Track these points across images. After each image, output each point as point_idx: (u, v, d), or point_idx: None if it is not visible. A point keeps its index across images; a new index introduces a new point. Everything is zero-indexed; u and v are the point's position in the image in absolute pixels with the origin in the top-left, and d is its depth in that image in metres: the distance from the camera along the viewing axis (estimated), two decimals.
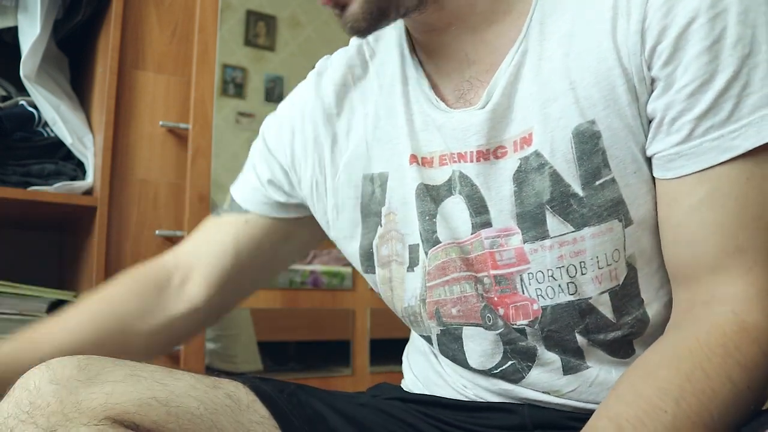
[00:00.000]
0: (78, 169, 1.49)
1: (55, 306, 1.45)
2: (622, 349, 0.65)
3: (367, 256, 0.75)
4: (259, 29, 2.75)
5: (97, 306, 0.81)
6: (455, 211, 0.67)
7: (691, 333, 0.55)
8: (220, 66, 2.53)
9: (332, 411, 0.70)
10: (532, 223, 0.63)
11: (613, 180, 0.60)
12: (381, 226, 0.73)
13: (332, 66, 0.80)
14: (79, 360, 0.58)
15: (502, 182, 0.64)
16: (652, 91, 0.59)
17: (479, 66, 0.67)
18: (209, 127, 1.60)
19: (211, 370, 1.85)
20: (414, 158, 0.69)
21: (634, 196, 0.60)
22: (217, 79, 1.64)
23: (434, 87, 0.70)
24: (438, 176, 0.68)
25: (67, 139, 1.45)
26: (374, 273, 0.75)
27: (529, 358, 0.66)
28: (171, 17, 1.61)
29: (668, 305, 0.62)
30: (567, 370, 0.65)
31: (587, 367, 0.65)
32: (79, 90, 1.65)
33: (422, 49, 0.72)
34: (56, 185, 1.41)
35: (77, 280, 1.55)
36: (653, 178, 0.61)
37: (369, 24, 0.63)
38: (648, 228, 0.61)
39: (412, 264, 0.71)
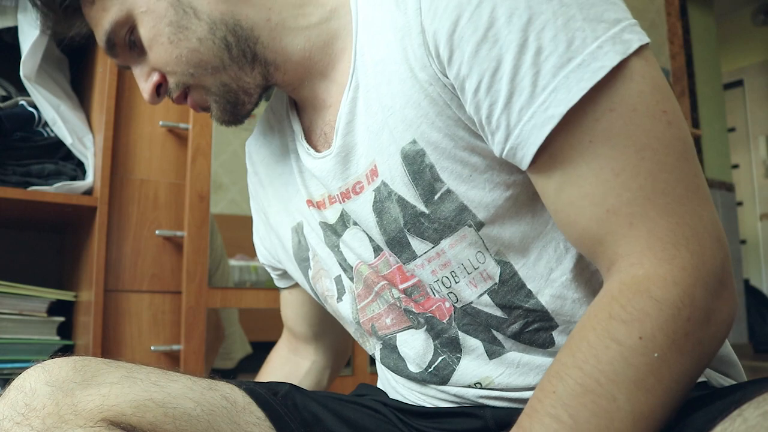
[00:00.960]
0: (78, 169, 1.49)
1: (55, 306, 1.46)
2: (537, 341, 0.65)
3: (316, 295, 0.82)
4: None
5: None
6: (354, 240, 0.71)
7: (589, 308, 0.54)
8: None
9: (327, 412, 0.71)
10: (399, 247, 0.66)
11: (449, 191, 0.61)
12: (310, 268, 0.79)
13: (254, 142, 0.87)
14: (75, 361, 0.58)
15: (366, 215, 0.67)
16: (458, 95, 0.58)
17: (334, 107, 0.69)
18: (209, 127, 1.60)
19: (216, 373, 1.86)
20: (309, 203, 0.75)
21: (478, 198, 0.60)
22: None
23: (309, 135, 0.75)
24: (330, 215, 0.73)
25: (67, 139, 1.45)
26: (327, 307, 0.82)
27: (456, 348, 0.68)
28: None
29: (570, 286, 0.62)
30: (491, 354, 0.67)
31: (508, 351, 0.66)
32: (79, 90, 1.65)
33: (298, 104, 0.77)
34: (56, 185, 1.41)
35: (77, 280, 1.55)
36: (496, 174, 0.60)
37: (231, 116, 0.71)
38: (507, 223, 0.61)
39: (340, 294, 0.76)
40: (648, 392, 0.48)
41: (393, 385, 0.78)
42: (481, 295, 0.64)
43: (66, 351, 1.49)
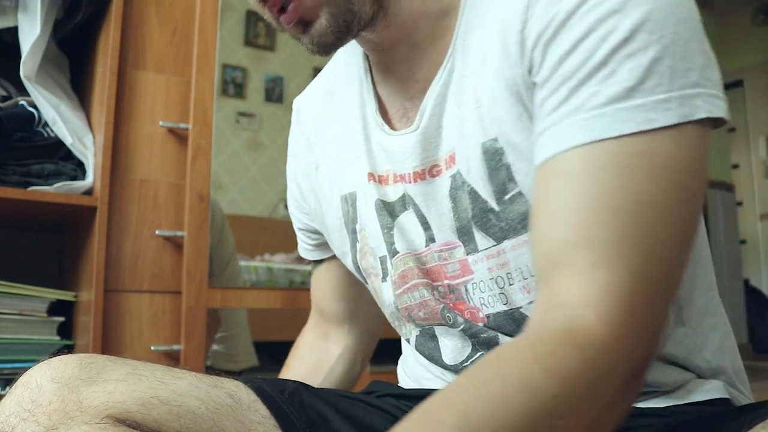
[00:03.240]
0: (78, 169, 1.49)
1: (55, 306, 1.46)
2: None
3: (358, 270, 0.79)
4: (259, 29, 2.74)
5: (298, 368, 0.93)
6: (409, 225, 0.69)
7: (515, 340, 0.49)
8: (220, 66, 2.52)
9: (333, 411, 0.71)
10: (468, 237, 0.65)
11: (520, 193, 0.60)
12: (358, 241, 0.76)
13: (306, 99, 0.84)
14: (81, 358, 0.58)
15: (441, 199, 0.66)
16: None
17: (422, 84, 0.67)
18: (209, 127, 1.60)
19: (212, 370, 1.85)
20: (372, 176, 0.72)
21: None
22: (217, 79, 1.64)
23: (383, 108, 0.72)
24: (392, 193, 0.71)
25: (67, 139, 1.45)
26: (367, 284, 0.80)
27: (494, 347, 0.67)
28: (171, 17, 1.61)
29: None
30: None
31: None
32: (79, 90, 1.65)
33: (377, 69, 0.73)
34: (56, 185, 1.41)
35: (77, 280, 1.55)
36: None
37: (336, 38, 0.63)
38: None
39: (385, 274, 0.74)
40: None
41: (420, 371, 0.77)
42: (532, 302, 0.62)
43: (66, 351, 1.49)
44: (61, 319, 1.46)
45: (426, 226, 0.68)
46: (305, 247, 0.91)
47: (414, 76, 0.68)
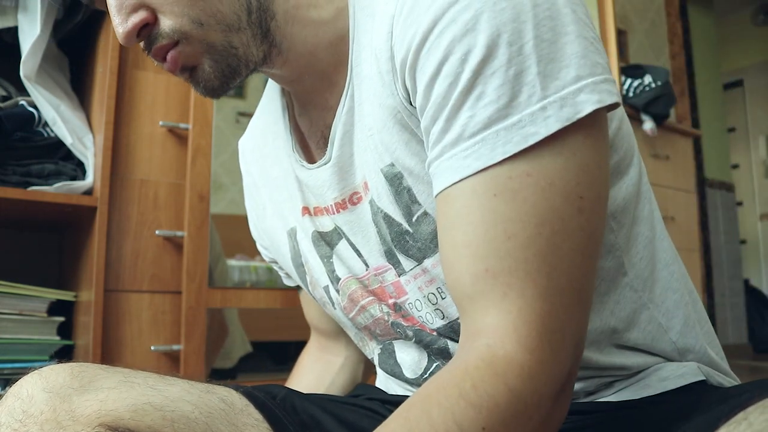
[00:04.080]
0: (78, 169, 1.49)
1: (55, 306, 1.46)
2: None
3: (316, 300, 0.80)
4: None
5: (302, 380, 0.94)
6: (346, 253, 0.69)
7: (439, 374, 0.49)
8: None
9: (324, 413, 0.71)
10: (395, 260, 0.65)
11: (425, 213, 0.60)
12: (306, 274, 0.77)
13: (247, 141, 0.84)
14: (72, 367, 0.58)
15: (365, 225, 0.65)
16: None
17: (333, 111, 0.66)
18: (209, 127, 1.60)
19: (215, 372, 1.86)
20: (306, 210, 0.73)
21: None
22: None
23: (304, 141, 0.72)
24: (326, 224, 0.71)
25: (67, 139, 1.45)
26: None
27: (447, 356, 0.68)
28: None
29: None
30: None
31: None
32: (79, 90, 1.65)
33: (295, 102, 0.72)
34: (56, 185, 1.41)
35: (77, 280, 1.55)
36: None
37: (222, 83, 0.62)
38: None
39: (333, 303, 0.75)
40: None
41: (392, 386, 0.78)
42: None
43: (66, 351, 1.49)
44: (61, 319, 1.46)
45: (358, 253, 0.68)
46: (282, 275, 0.92)
47: (328, 104, 0.67)
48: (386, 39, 0.56)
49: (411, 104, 0.56)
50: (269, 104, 0.79)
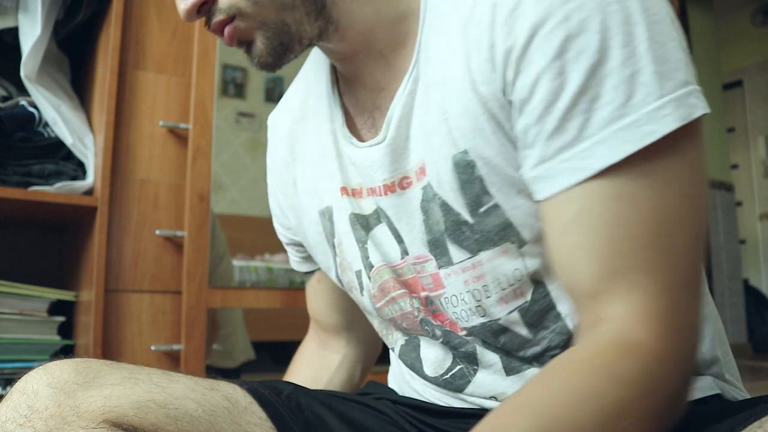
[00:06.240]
0: (78, 169, 1.50)
1: (55, 306, 1.46)
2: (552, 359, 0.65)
3: (341, 284, 0.79)
4: None
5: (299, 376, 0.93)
6: (384, 238, 0.69)
7: (570, 352, 0.52)
8: (221, 66, 2.52)
9: (330, 412, 0.71)
10: (440, 250, 0.64)
11: (496, 205, 0.59)
12: (338, 256, 0.76)
13: (280, 115, 0.83)
14: (77, 363, 0.58)
15: (412, 212, 0.65)
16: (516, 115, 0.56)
17: (388, 93, 0.66)
18: (209, 127, 1.60)
19: (211, 369, 1.86)
20: (344, 190, 0.71)
21: (524, 217, 0.59)
22: (217, 79, 1.64)
23: (351, 120, 0.71)
24: (366, 206, 0.70)
25: (68, 139, 1.45)
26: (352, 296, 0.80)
27: (473, 361, 0.67)
28: (171, 17, 1.61)
29: None
30: (509, 371, 0.66)
31: (530, 367, 0.65)
32: (80, 90, 1.65)
33: (343, 80, 0.72)
34: (57, 185, 1.41)
35: (77, 280, 1.55)
36: None
37: (275, 59, 0.64)
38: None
39: (362, 288, 0.74)
40: None
41: (407, 380, 0.78)
42: (511, 312, 0.62)
43: (67, 351, 1.49)
44: (62, 319, 1.46)
45: (398, 239, 0.67)
46: (295, 260, 0.90)
47: (379, 85, 0.67)
48: (487, 27, 0.55)
49: (507, 95, 0.56)
50: (311, 80, 0.78)
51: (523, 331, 0.63)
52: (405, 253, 0.67)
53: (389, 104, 0.65)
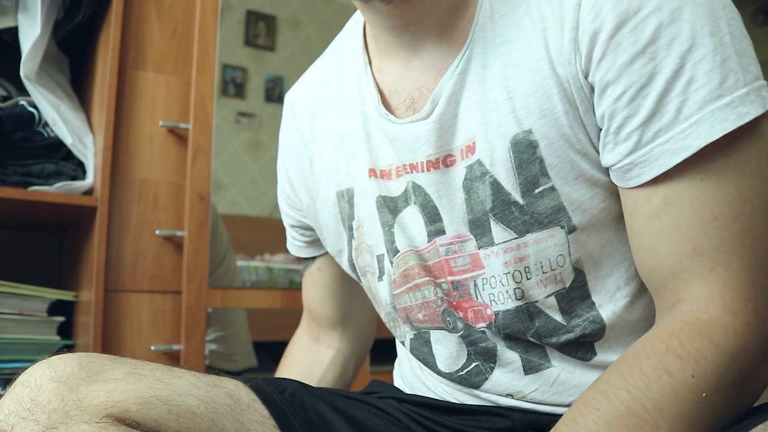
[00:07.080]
0: (78, 169, 1.49)
1: (55, 306, 1.46)
2: (580, 351, 0.65)
3: (353, 268, 0.78)
4: (259, 29, 2.74)
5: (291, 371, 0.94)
6: (411, 221, 0.69)
7: (644, 337, 0.55)
8: (220, 66, 2.53)
9: (334, 412, 0.71)
10: (481, 230, 0.64)
11: (552, 188, 0.60)
12: (354, 239, 0.75)
13: (300, 93, 0.82)
14: (81, 357, 0.58)
15: (454, 190, 0.65)
16: (593, 99, 0.58)
17: (430, 73, 0.66)
18: (209, 127, 1.60)
19: (211, 370, 1.85)
20: (372, 172, 0.71)
21: (578, 202, 0.60)
22: (217, 79, 1.64)
23: (387, 98, 0.71)
24: (395, 188, 0.70)
25: (68, 139, 1.45)
26: (362, 283, 0.79)
27: (490, 358, 0.68)
28: (171, 17, 1.61)
29: (630, 308, 0.63)
30: (528, 369, 0.66)
31: (549, 366, 0.66)
32: (80, 90, 1.65)
33: (380, 57, 0.72)
34: (56, 185, 1.41)
35: (77, 280, 1.55)
36: (599, 183, 0.60)
37: None
38: (594, 233, 0.62)
39: (381, 273, 0.73)
40: (689, 427, 0.49)
41: (418, 375, 0.77)
42: (548, 295, 0.63)
43: (66, 351, 1.49)
44: (62, 319, 1.46)
45: (432, 219, 0.67)
46: (297, 245, 0.89)
47: (423, 64, 0.67)
48: (571, 10, 0.57)
49: (586, 77, 0.58)
50: (339, 58, 0.78)
51: (558, 316, 0.64)
52: (436, 234, 0.67)
53: (434, 83, 0.65)
